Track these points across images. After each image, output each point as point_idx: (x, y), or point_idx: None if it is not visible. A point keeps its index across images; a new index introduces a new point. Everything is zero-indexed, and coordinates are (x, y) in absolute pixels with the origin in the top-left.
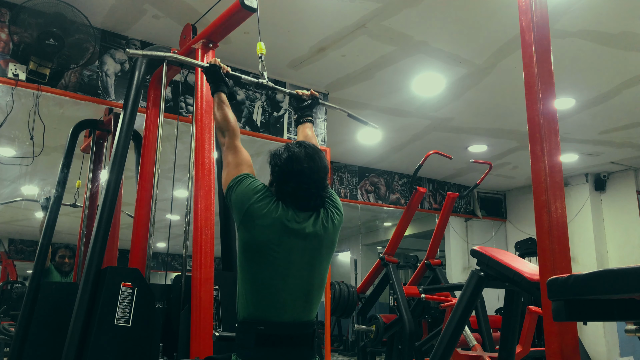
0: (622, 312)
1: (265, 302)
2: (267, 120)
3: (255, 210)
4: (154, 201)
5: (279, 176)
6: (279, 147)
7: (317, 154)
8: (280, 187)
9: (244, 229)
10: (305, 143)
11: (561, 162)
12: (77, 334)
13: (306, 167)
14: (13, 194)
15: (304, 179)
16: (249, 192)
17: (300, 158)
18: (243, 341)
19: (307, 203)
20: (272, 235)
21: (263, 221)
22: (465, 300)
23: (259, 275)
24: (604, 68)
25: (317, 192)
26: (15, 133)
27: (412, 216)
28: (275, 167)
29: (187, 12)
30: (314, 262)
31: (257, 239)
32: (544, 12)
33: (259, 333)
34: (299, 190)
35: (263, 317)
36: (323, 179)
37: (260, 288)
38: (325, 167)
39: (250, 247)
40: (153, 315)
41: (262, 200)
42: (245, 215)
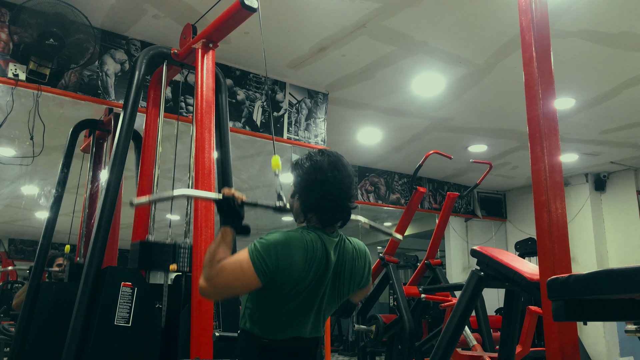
0: (622, 312)
1: (273, 324)
2: (267, 120)
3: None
4: (154, 202)
5: (302, 187)
6: (302, 157)
7: (340, 162)
8: (304, 199)
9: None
10: (328, 151)
11: (561, 162)
12: (77, 334)
13: (330, 176)
14: (13, 194)
15: (328, 188)
16: (292, 260)
17: (323, 167)
18: (245, 350)
19: (333, 215)
20: (309, 267)
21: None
22: (465, 300)
23: (274, 306)
24: (604, 68)
25: (343, 203)
26: (15, 133)
27: (412, 216)
28: (297, 178)
29: (187, 12)
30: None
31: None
32: (544, 12)
33: (262, 345)
34: (323, 202)
35: (268, 335)
36: (349, 189)
37: (273, 317)
38: (350, 176)
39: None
40: (153, 315)
41: (299, 248)
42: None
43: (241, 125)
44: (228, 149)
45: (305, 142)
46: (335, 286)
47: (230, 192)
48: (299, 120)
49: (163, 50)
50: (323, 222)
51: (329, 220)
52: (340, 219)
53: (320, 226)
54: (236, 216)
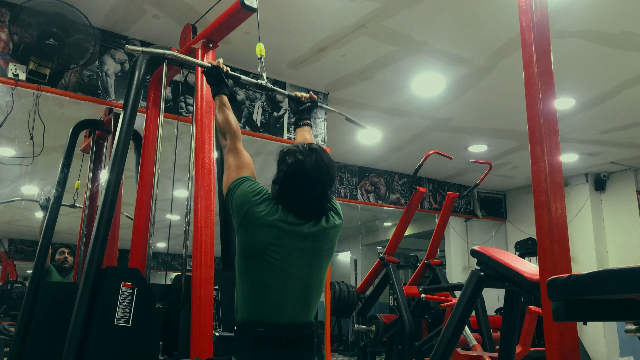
0: (622, 312)
1: (264, 303)
2: (267, 120)
3: (254, 213)
4: (154, 201)
5: (282, 181)
6: (289, 149)
7: (324, 164)
8: (282, 192)
9: (243, 231)
10: (316, 149)
11: (561, 162)
12: (77, 334)
13: (312, 178)
14: (13, 194)
15: (306, 190)
16: (248, 194)
17: (307, 168)
18: (242, 343)
19: (307, 213)
20: (271, 237)
21: (262, 223)
22: (465, 300)
23: (257, 277)
24: (604, 68)
25: (319, 205)
26: (15, 133)
27: (412, 216)
28: (280, 171)
29: (187, 12)
30: (312, 264)
31: (256, 241)
32: (544, 12)
33: (257, 335)
34: (299, 201)
35: (262, 319)
36: (326, 192)
37: (259, 289)
38: (331, 180)
39: (249, 249)
40: (153, 315)
41: (261, 203)
42: (245, 218)
43: (241, 125)
44: None
45: None
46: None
47: (218, 62)
48: None
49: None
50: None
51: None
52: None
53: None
54: (226, 84)
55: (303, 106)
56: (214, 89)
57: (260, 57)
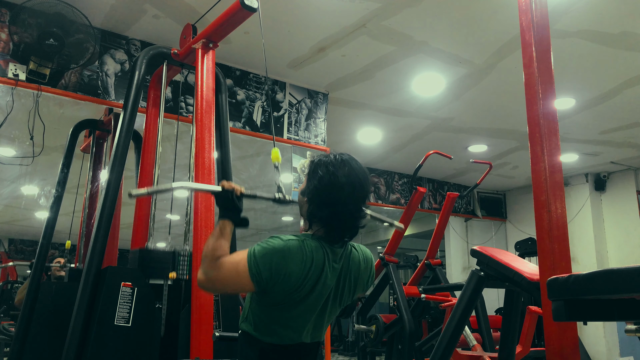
0: (622, 312)
1: (275, 330)
2: (267, 120)
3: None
4: (154, 201)
5: (314, 196)
6: (320, 160)
7: (358, 179)
8: (314, 210)
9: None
10: (348, 160)
11: (561, 162)
12: (77, 334)
13: (345, 196)
14: (13, 194)
15: (340, 208)
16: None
17: (340, 184)
18: (246, 352)
19: (340, 233)
20: (307, 275)
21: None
22: (465, 300)
23: (274, 313)
24: (604, 68)
25: (353, 223)
26: (15, 133)
27: (412, 216)
28: (311, 184)
29: (187, 12)
30: (339, 299)
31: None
32: (544, 12)
33: (262, 348)
34: (332, 219)
35: (270, 340)
36: (359, 210)
37: (273, 323)
38: (366, 196)
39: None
40: (153, 315)
41: (299, 258)
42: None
43: (241, 125)
44: (228, 149)
45: (305, 142)
46: (338, 293)
47: (230, 185)
48: (299, 120)
49: (163, 50)
50: (328, 237)
51: (334, 238)
52: (346, 236)
53: (326, 239)
54: (235, 209)
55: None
56: (222, 211)
57: (276, 165)
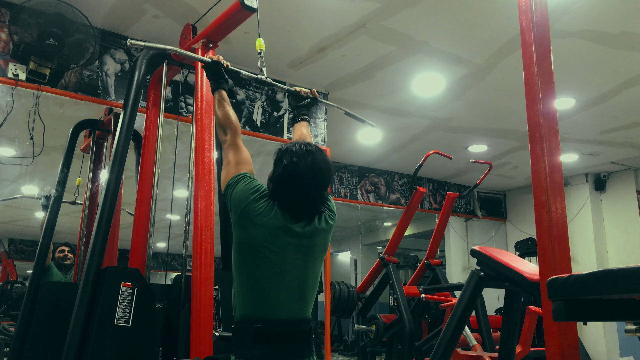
0: (622, 312)
1: (260, 299)
2: (267, 120)
3: (251, 210)
4: (154, 201)
5: (277, 182)
6: (286, 148)
7: (319, 168)
8: (277, 193)
9: (240, 227)
10: (312, 151)
11: (561, 162)
12: (77, 334)
13: (305, 182)
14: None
15: (301, 194)
16: (246, 191)
17: (301, 172)
18: (240, 340)
19: (301, 215)
20: (267, 234)
21: (258, 220)
22: (465, 300)
23: (253, 273)
24: (604, 68)
25: (313, 207)
26: (15, 133)
27: (412, 216)
28: (275, 172)
29: (187, 12)
30: (307, 260)
31: (252, 238)
32: (544, 12)
33: (256, 331)
34: (294, 204)
35: (259, 315)
36: (322, 196)
37: (256, 286)
38: (326, 182)
39: (245, 245)
40: (153, 315)
41: (259, 200)
42: (242, 214)
43: (241, 125)
44: None
45: None
46: (307, 260)
47: (218, 57)
48: None
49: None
50: (293, 215)
51: (297, 216)
52: (308, 216)
53: None
54: (225, 80)
55: (302, 102)
56: (214, 83)
57: (260, 51)
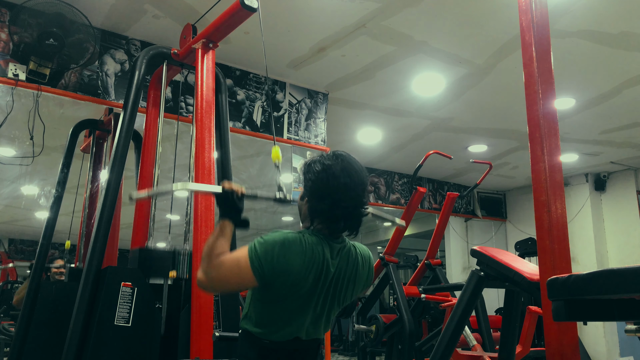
0: (622, 312)
1: (276, 326)
2: (267, 120)
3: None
4: (154, 201)
5: (312, 192)
6: (313, 159)
7: (353, 168)
8: (314, 204)
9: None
10: (342, 154)
11: (561, 162)
12: (77, 334)
13: (342, 183)
14: (13, 194)
15: (339, 194)
16: (289, 259)
17: (336, 173)
18: (246, 351)
19: (343, 224)
20: (306, 269)
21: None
22: (465, 300)
23: (275, 308)
24: (604, 68)
25: (354, 211)
26: (15, 133)
27: (412, 216)
28: (308, 182)
29: (187, 12)
30: (338, 296)
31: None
32: (544, 12)
33: (262, 346)
34: (334, 209)
35: (269, 337)
36: (361, 197)
37: (275, 316)
38: (363, 183)
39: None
40: (153, 315)
41: (299, 251)
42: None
43: (241, 125)
44: (228, 149)
45: (305, 142)
46: (337, 291)
47: (230, 186)
48: (299, 120)
49: (163, 50)
50: (330, 230)
51: (337, 229)
52: (349, 228)
53: (327, 232)
54: (235, 210)
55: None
56: (222, 212)
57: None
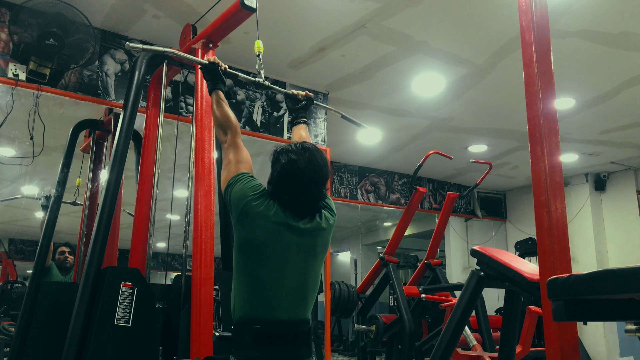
0: (622, 312)
1: (261, 300)
2: (267, 120)
3: (251, 208)
4: (154, 201)
5: (277, 182)
6: (282, 148)
7: (317, 163)
8: (277, 193)
9: (240, 227)
10: (309, 148)
11: (561, 162)
12: (77, 334)
13: (305, 178)
14: (13, 194)
15: (302, 190)
16: (246, 190)
17: (300, 168)
18: (240, 341)
19: (302, 211)
20: (268, 233)
21: (259, 219)
22: (465, 300)
23: (254, 273)
24: (604, 68)
25: (314, 204)
26: (15, 133)
27: (412, 216)
28: (274, 171)
29: (187, 12)
30: (308, 260)
31: (253, 237)
32: (544, 12)
33: (255, 332)
34: (294, 202)
35: (259, 316)
36: (321, 191)
37: (256, 285)
38: (325, 177)
39: (246, 244)
40: (153, 315)
41: (258, 199)
42: (242, 213)
43: (241, 125)
44: None
45: None
46: (308, 260)
47: (216, 59)
48: None
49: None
50: (294, 213)
51: (299, 214)
52: (310, 213)
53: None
54: (222, 81)
55: (299, 104)
56: (210, 84)
57: (259, 54)
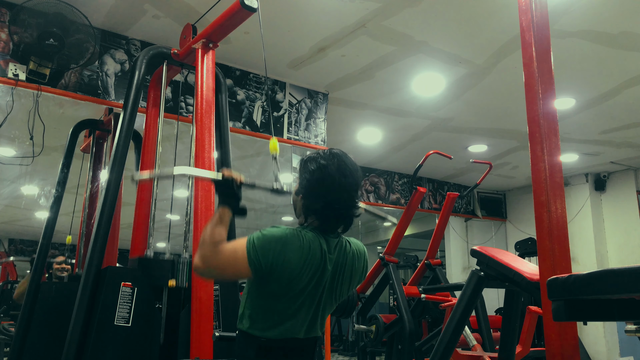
0: (622, 312)
1: (273, 324)
2: (267, 120)
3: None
4: (154, 201)
5: (307, 190)
6: (309, 156)
7: (348, 168)
8: (308, 203)
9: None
10: (338, 154)
11: (561, 162)
12: (77, 334)
13: (337, 184)
14: (13, 194)
15: (334, 196)
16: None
17: (331, 173)
18: (243, 351)
19: (335, 223)
20: (300, 270)
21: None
22: (465, 300)
23: (272, 304)
24: (604, 68)
25: (346, 212)
26: (15, 133)
27: (412, 216)
28: (303, 180)
29: (187, 12)
30: (335, 291)
31: (285, 274)
32: (544, 12)
33: (260, 345)
34: (328, 209)
35: (266, 335)
36: (354, 198)
37: (271, 314)
38: (357, 183)
39: (273, 281)
40: (153, 315)
41: (295, 244)
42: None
43: (241, 125)
44: (228, 149)
45: (305, 142)
46: (334, 287)
47: (230, 174)
48: (299, 120)
49: (163, 50)
50: (324, 227)
51: (330, 227)
52: (342, 225)
53: (321, 229)
54: (234, 197)
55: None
56: (221, 199)
57: (275, 155)
